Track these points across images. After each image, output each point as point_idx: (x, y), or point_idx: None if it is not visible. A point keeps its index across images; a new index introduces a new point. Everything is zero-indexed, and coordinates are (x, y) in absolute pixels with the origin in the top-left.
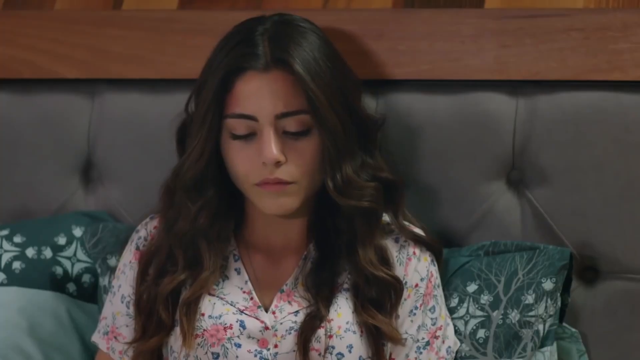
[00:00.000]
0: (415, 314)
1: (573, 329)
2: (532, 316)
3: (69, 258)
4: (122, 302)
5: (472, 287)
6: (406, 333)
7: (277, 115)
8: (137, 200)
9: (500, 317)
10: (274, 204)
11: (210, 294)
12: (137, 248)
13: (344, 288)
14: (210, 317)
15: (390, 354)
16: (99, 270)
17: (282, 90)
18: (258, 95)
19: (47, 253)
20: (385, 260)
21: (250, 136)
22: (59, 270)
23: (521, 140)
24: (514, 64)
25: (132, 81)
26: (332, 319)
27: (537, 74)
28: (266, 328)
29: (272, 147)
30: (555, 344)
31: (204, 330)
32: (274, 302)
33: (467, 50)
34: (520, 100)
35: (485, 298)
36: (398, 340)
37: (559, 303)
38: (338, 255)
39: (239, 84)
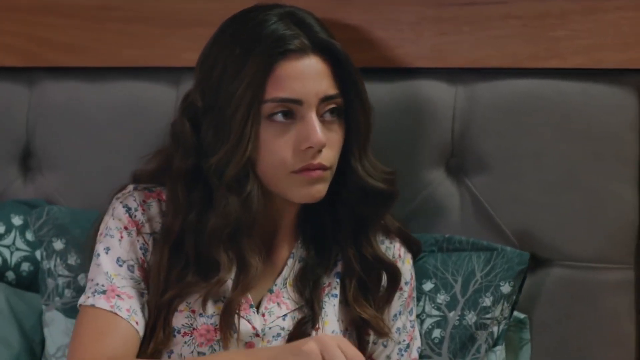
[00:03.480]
0: (397, 318)
1: (522, 315)
2: (488, 318)
3: (7, 247)
4: (121, 265)
5: (428, 286)
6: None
7: (322, 98)
8: (76, 189)
9: (457, 318)
10: (309, 192)
11: None
12: (133, 217)
13: (331, 294)
14: (201, 315)
15: (371, 355)
16: (44, 253)
17: (323, 73)
18: (302, 78)
19: None
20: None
21: (288, 121)
22: None
23: (460, 127)
24: (452, 52)
25: (71, 69)
26: (319, 327)
27: (475, 62)
28: (257, 335)
29: (319, 131)
30: (504, 342)
31: (194, 329)
32: (264, 304)
33: (406, 38)
34: (459, 88)
35: (441, 298)
36: (386, 335)
37: (514, 305)
38: (328, 252)
39: (281, 68)
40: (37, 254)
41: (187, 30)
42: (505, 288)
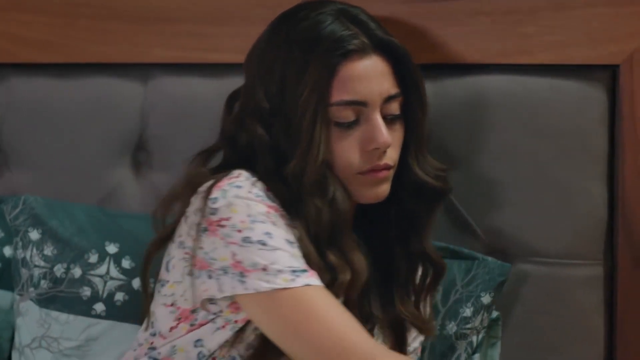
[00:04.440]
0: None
1: (496, 313)
2: (468, 328)
3: None
4: (292, 247)
5: None
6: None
7: (385, 98)
8: (44, 185)
9: (438, 328)
10: (375, 192)
11: None
12: (270, 202)
13: None
14: None
15: None
16: (19, 243)
17: (385, 72)
18: (366, 79)
19: None
20: None
21: (352, 123)
22: None
23: (429, 124)
24: (421, 48)
25: (40, 66)
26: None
27: (444, 58)
28: None
29: (385, 132)
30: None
31: None
32: None
33: None
34: (428, 84)
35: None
36: (429, 332)
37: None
38: (382, 254)
39: (344, 69)
40: (5, 250)
41: (156, 27)
42: (486, 299)
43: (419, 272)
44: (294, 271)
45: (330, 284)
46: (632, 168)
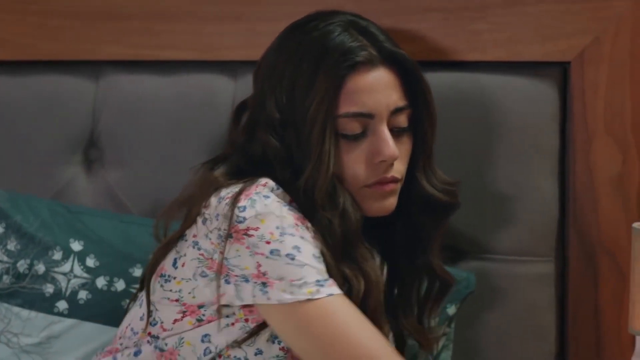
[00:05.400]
0: None
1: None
2: (432, 338)
3: None
4: (319, 261)
5: None
6: None
7: (392, 110)
8: None
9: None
10: (382, 205)
11: None
12: (295, 212)
13: None
14: None
15: None
16: None
17: (391, 84)
18: (373, 91)
19: None
20: None
21: (359, 135)
22: None
23: None
24: None
25: None
26: None
27: None
28: None
29: (392, 144)
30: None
31: (288, 350)
32: None
33: None
34: None
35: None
36: (429, 347)
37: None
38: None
39: (351, 81)
40: None
41: (108, 24)
42: (452, 310)
43: (424, 286)
44: (317, 281)
45: (348, 295)
46: (583, 165)
